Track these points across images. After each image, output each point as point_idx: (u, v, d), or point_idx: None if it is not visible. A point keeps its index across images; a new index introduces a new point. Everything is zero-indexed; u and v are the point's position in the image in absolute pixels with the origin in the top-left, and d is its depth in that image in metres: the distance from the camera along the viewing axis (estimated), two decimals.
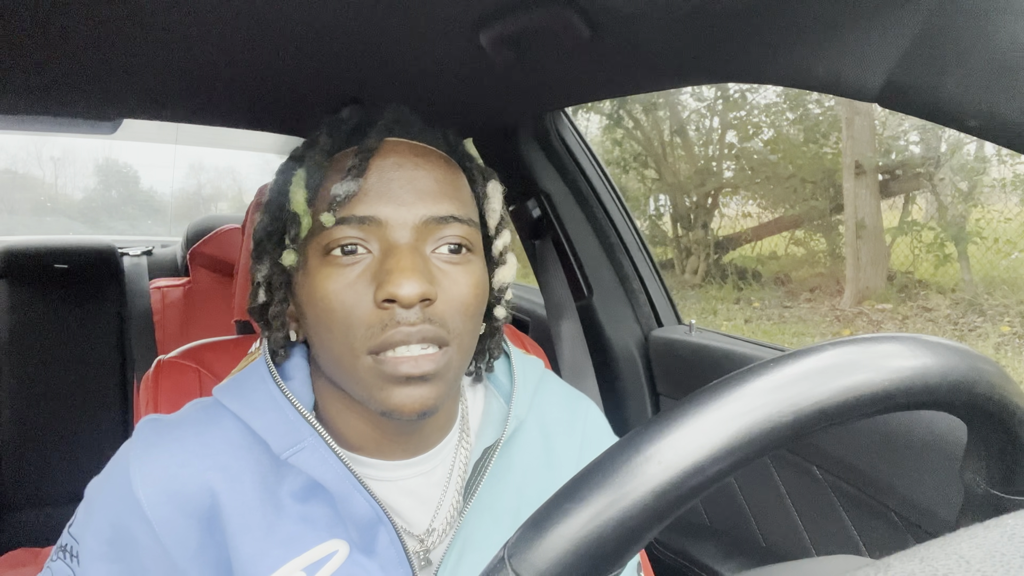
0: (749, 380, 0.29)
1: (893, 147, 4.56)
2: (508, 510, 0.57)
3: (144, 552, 0.49)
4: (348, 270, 0.48)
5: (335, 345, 0.49)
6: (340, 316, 0.48)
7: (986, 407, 0.32)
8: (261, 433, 0.51)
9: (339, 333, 0.48)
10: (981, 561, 0.21)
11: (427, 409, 0.48)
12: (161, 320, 1.84)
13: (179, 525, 0.49)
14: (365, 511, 0.51)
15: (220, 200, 5.93)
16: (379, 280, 0.47)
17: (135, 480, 0.49)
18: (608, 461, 0.28)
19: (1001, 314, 3.68)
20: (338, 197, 0.48)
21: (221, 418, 0.53)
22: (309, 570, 0.50)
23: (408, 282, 0.46)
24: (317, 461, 0.50)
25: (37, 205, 5.69)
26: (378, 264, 0.48)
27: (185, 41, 0.82)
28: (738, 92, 5.14)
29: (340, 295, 0.48)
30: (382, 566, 0.52)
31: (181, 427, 0.53)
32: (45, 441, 1.73)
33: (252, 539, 0.50)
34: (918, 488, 0.81)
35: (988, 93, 0.48)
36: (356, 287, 0.48)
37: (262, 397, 0.53)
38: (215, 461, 0.51)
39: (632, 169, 5.77)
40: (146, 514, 0.49)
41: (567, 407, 0.67)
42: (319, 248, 0.50)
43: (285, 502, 0.51)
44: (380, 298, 0.47)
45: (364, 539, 0.51)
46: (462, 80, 0.97)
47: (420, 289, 0.46)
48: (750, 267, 5.09)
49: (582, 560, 0.27)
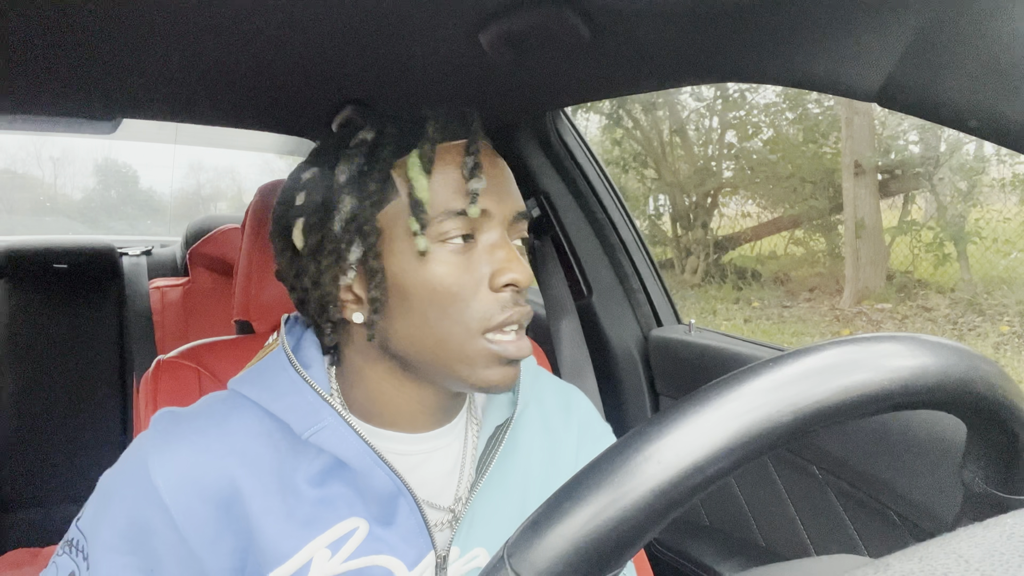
0: (748, 379, 0.29)
1: (892, 147, 4.56)
2: (515, 485, 0.62)
3: (160, 541, 0.50)
4: (464, 257, 0.53)
5: (449, 326, 0.52)
6: (459, 299, 0.52)
7: (985, 407, 0.32)
8: (282, 415, 0.53)
9: (456, 314, 0.52)
10: (980, 560, 0.21)
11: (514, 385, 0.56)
12: (160, 320, 1.84)
13: (198, 512, 0.50)
14: (385, 484, 0.53)
15: (219, 200, 5.93)
16: (495, 267, 0.53)
17: (153, 468, 0.50)
18: (607, 461, 0.28)
19: (1000, 313, 3.69)
20: (475, 191, 0.52)
21: (238, 407, 0.55)
22: (333, 547, 0.52)
23: (523, 269, 0.53)
24: (338, 439, 0.53)
25: (36, 205, 5.69)
26: (487, 252, 0.54)
27: (185, 41, 0.82)
28: (737, 92, 5.15)
29: (459, 279, 0.52)
30: (403, 537, 0.55)
31: (199, 417, 0.55)
32: (44, 441, 1.73)
33: (274, 520, 0.52)
34: (917, 487, 0.81)
35: (988, 93, 0.48)
36: (471, 271, 0.53)
37: (282, 383, 0.55)
38: (233, 447, 0.53)
39: (631, 169, 5.78)
40: (164, 502, 0.50)
41: (561, 396, 0.72)
42: (435, 235, 0.52)
43: (301, 488, 0.53)
44: (501, 283, 0.52)
45: (385, 512, 0.54)
46: (462, 80, 0.97)
47: (529, 275, 0.53)
48: (749, 267, 5.09)
49: (581, 560, 0.27)
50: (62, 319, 1.82)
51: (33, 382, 1.75)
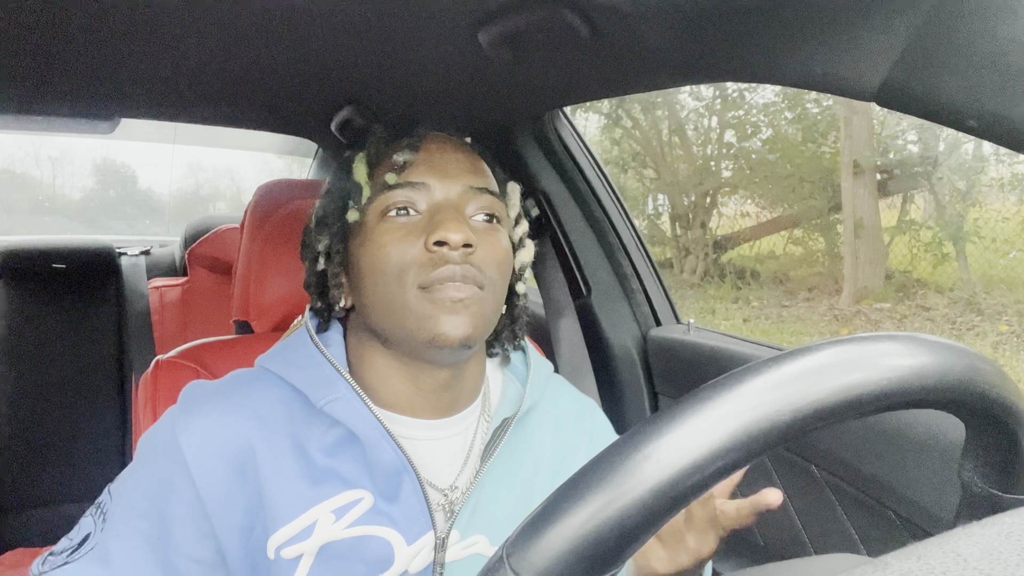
0: (747, 379, 0.29)
1: (891, 146, 4.57)
2: (521, 480, 0.64)
3: (177, 498, 0.54)
4: (403, 226, 0.57)
5: (389, 286, 0.56)
6: (394, 259, 0.56)
7: (984, 406, 0.32)
8: (300, 386, 0.58)
9: (393, 274, 0.56)
10: (978, 559, 0.21)
11: (467, 338, 0.55)
12: (159, 320, 1.84)
13: (214, 470, 0.54)
14: (391, 459, 0.56)
15: (218, 200, 5.93)
16: (430, 229, 0.56)
17: (179, 429, 0.55)
18: (606, 460, 0.28)
19: (999, 313, 3.69)
20: (397, 164, 0.58)
21: (261, 379, 0.60)
22: (337, 512, 0.56)
23: (455, 228, 0.55)
24: (350, 410, 0.57)
25: (35, 205, 5.68)
26: (427, 219, 0.57)
27: (184, 41, 0.82)
28: (736, 92, 5.15)
29: (396, 243, 0.56)
30: (404, 513, 0.57)
31: (225, 385, 0.60)
32: (43, 441, 1.72)
33: (285, 480, 0.55)
34: (916, 487, 0.81)
35: (987, 93, 0.48)
36: (409, 237, 0.56)
37: (302, 357, 0.60)
38: (253, 412, 0.57)
39: (631, 169, 5.78)
40: (186, 459, 0.54)
41: (576, 404, 0.74)
42: (377, 211, 0.58)
43: (315, 456, 0.57)
44: (431, 241, 0.55)
45: (389, 487, 0.57)
46: (461, 79, 0.97)
47: (464, 235, 0.55)
48: (748, 266, 5.09)
49: (580, 559, 0.27)
50: (61, 319, 1.82)
51: (31, 382, 1.75)
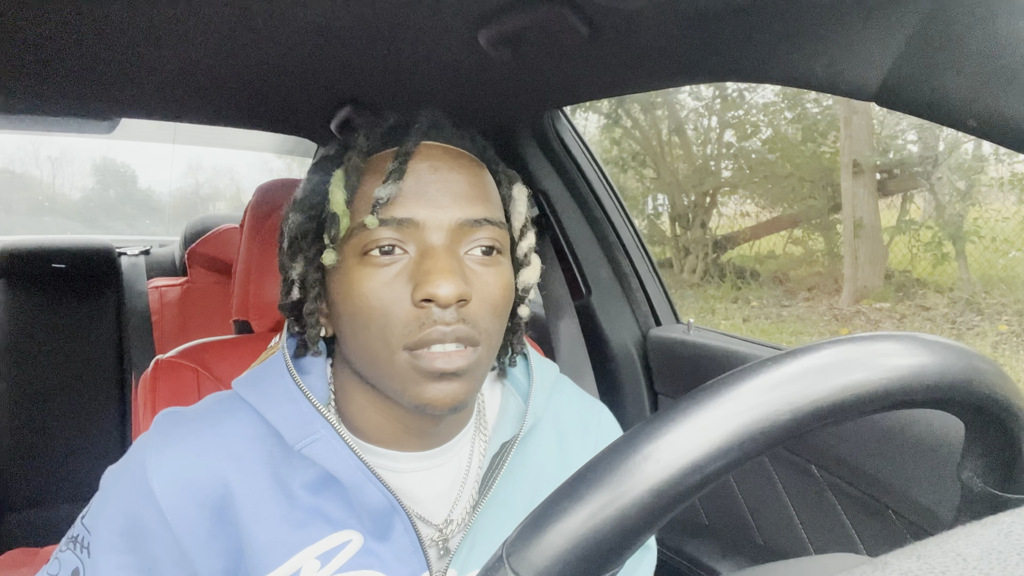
0: (747, 379, 0.29)
1: (891, 146, 4.57)
2: (523, 505, 0.58)
3: (155, 541, 0.50)
4: (386, 270, 0.50)
5: (371, 342, 0.50)
6: (378, 313, 0.49)
7: (984, 406, 0.32)
8: (275, 424, 0.52)
9: (376, 330, 0.49)
10: (978, 559, 0.21)
11: (458, 404, 0.50)
12: (159, 320, 1.84)
13: (190, 514, 0.50)
14: (379, 501, 0.52)
15: (218, 199, 5.92)
16: (417, 280, 0.49)
17: (150, 469, 0.50)
18: (606, 460, 0.28)
19: (999, 312, 3.69)
20: (380, 200, 0.49)
21: (237, 410, 0.54)
22: (323, 558, 0.51)
23: (446, 283, 0.47)
24: (329, 453, 0.52)
25: (35, 205, 5.68)
26: (415, 264, 0.50)
27: (184, 41, 0.82)
28: (736, 91, 5.15)
29: (378, 293, 0.49)
30: (396, 555, 0.53)
31: (198, 419, 0.54)
32: (43, 441, 1.72)
33: (266, 527, 0.51)
34: (916, 486, 0.81)
35: (987, 93, 0.48)
36: (394, 286, 0.49)
37: (278, 390, 0.54)
38: (229, 451, 0.52)
39: (630, 168, 5.78)
40: (159, 503, 0.50)
41: (582, 410, 0.68)
42: (357, 248, 0.51)
43: (297, 493, 0.52)
44: (418, 297, 0.48)
45: (379, 528, 0.53)
46: (460, 79, 0.97)
47: (457, 290, 0.48)
48: (748, 266, 5.09)
49: (580, 559, 0.27)
50: (60, 319, 1.82)
51: (31, 382, 1.75)
